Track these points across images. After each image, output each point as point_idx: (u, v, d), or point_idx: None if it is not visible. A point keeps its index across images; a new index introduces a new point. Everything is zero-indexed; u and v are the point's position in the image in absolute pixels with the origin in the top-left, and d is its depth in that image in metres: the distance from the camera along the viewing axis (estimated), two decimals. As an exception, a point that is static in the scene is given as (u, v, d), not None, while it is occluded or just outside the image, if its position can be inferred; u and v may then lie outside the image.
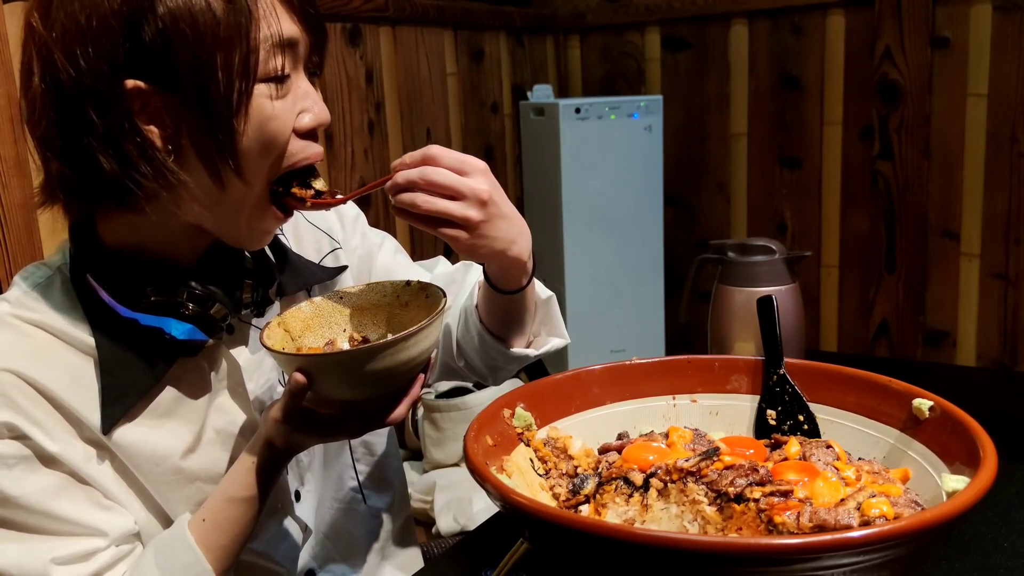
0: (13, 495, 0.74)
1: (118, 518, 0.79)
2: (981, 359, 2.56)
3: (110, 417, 0.77)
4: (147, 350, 0.79)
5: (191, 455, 0.83)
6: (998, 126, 2.41)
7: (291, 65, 0.75)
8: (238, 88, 0.71)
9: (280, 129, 0.75)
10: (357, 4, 2.27)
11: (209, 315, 0.80)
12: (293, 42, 0.75)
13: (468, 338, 1.02)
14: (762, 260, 1.26)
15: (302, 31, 0.76)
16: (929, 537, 0.54)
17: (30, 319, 0.78)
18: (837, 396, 0.80)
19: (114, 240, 0.80)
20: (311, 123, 0.78)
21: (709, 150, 2.93)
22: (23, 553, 0.74)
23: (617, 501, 0.71)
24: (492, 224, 0.85)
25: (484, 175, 0.84)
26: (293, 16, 0.75)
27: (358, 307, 0.87)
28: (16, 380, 0.75)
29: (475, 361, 1.03)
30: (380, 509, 1.02)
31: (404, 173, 0.82)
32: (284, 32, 0.73)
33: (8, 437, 0.74)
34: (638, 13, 2.96)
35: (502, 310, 0.96)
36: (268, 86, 0.73)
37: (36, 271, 0.82)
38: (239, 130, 0.72)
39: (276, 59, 0.73)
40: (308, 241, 0.98)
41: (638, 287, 2.82)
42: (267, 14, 0.72)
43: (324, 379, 0.75)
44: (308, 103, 0.77)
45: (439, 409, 2.35)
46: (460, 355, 1.05)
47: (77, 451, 0.77)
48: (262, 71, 0.72)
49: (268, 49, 0.72)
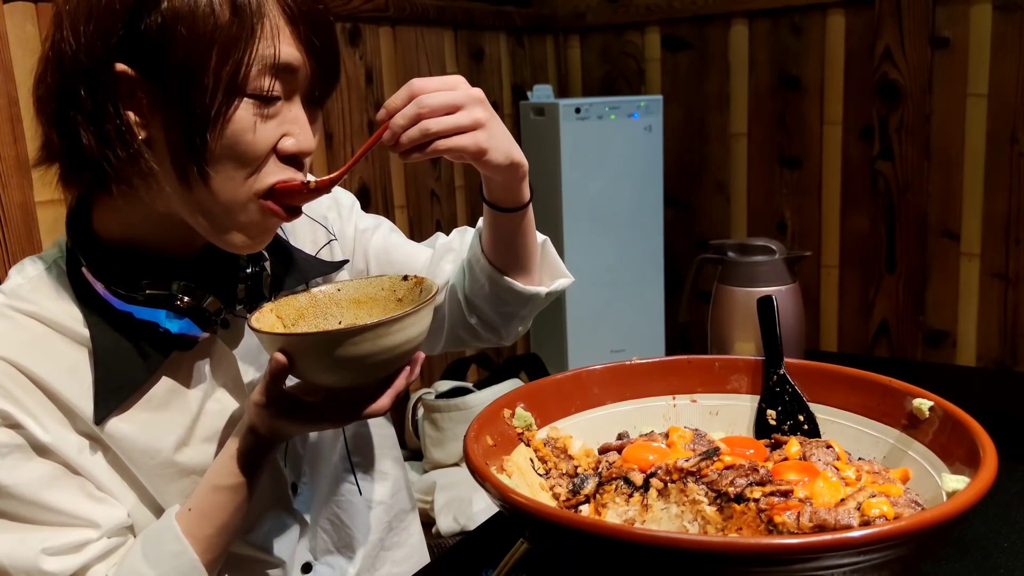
0: (5, 484, 0.74)
1: (111, 510, 0.80)
2: (981, 359, 2.56)
3: (104, 408, 0.78)
4: (141, 343, 0.79)
5: (185, 448, 0.83)
6: (998, 126, 2.41)
7: (284, 89, 0.75)
8: (221, 97, 0.71)
9: (254, 145, 0.74)
10: (357, 4, 2.27)
11: (203, 309, 0.80)
12: (290, 68, 0.74)
13: (477, 287, 0.99)
14: (762, 260, 1.26)
15: (304, 60, 0.75)
16: (929, 537, 0.54)
17: (26, 310, 0.78)
18: (837, 396, 0.80)
19: (108, 233, 0.80)
20: (292, 148, 0.76)
21: (709, 150, 2.93)
22: (14, 543, 0.74)
23: (617, 501, 0.71)
24: (494, 123, 0.85)
25: (466, 83, 0.84)
26: (298, 43, 0.74)
27: (355, 299, 0.87)
28: (10, 369, 0.75)
29: (487, 312, 1.01)
30: (376, 500, 1.02)
31: (402, 113, 0.81)
32: (282, 56, 0.73)
33: (2, 425, 0.75)
34: (638, 13, 2.96)
35: (508, 236, 0.95)
36: (254, 103, 0.73)
37: (32, 264, 0.82)
38: (213, 137, 0.72)
39: (267, 79, 0.72)
40: (304, 233, 0.98)
41: (638, 287, 2.82)
42: (269, 34, 0.72)
43: (304, 361, 0.74)
44: (295, 128, 0.76)
45: (439, 409, 2.35)
46: (471, 311, 1.02)
47: (70, 442, 0.78)
48: (251, 87, 0.72)
49: (261, 68, 0.72)
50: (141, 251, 0.80)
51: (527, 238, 0.96)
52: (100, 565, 0.78)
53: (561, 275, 1.03)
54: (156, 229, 0.80)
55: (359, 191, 2.38)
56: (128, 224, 0.80)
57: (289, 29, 0.73)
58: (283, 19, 0.73)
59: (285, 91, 0.75)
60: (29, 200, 1.60)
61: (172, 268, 0.80)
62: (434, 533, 2.16)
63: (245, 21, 0.70)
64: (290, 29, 0.73)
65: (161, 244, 0.81)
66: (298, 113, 0.77)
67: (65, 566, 0.76)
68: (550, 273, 1.03)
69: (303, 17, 0.74)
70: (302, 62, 0.75)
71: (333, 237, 1.00)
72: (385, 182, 2.47)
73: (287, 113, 0.76)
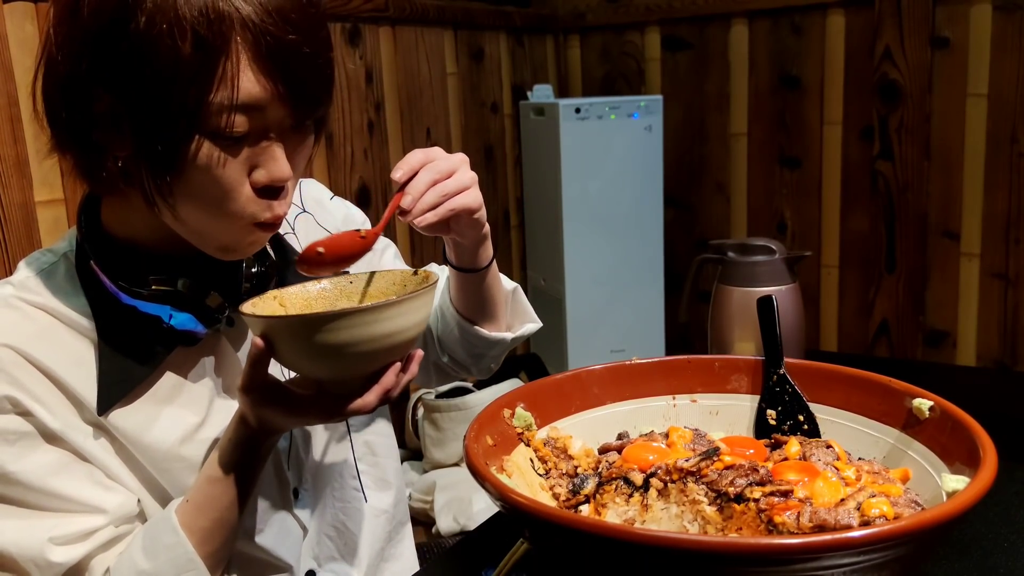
0: (13, 471, 0.74)
1: (119, 497, 0.80)
2: (981, 359, 2.56)
3: (107, 400, 0.78)
4: (146, 337, 0.80)
5: (190, 444, 0.83)
6: (998, 126, 2.41)
7: (251, 126, 0.72)
8: (181, 133, 0.70)
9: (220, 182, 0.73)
10: (357, 4, 2.27)
11: (206, 305, 0.80)
12: (254, 106, 0.71)
13: (448, 332, 1.05)
14: (762, 260, 1.26)
15: (274, 94, 0.71)
16: (929, 537, 0.54)
17: (33, 302, 0.79)
18: (837, 396, 0.80)
19: (114, 229, 0.81)
20: (263, 180, 0.74)
21: (709, 150, 2.93)
22: (21, 531, 0.75)
23: (617, 501, 0.71)
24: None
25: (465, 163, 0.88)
26: (265, 79, 0.70)
27: (367, 293, 0.85)
28: (18, 358, 0.75)
29: (458, 353, 1.06)
30: (381, 509, 1.02)
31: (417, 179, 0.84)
32: (241, 96, 0.70)
33: (11, 412, 0.75)
34: (638, 13, 2.96)
35: (475, 293, 1.00)
36: (218, 142, 0.71)
37: (42, 256, 0.83)
38: (176, 172, 0.71)
39: (228, 117, 0.70)
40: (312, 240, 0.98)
41: (638, 287, 2.82)
42: (231, 72, 0.69)
43: (285, 346, 0.73)
44: (263, 159, 0.74)
45: (439, 409, 2.35)
46: (443, 350, 1.08)
47: (79, 429, 0.78)
48: (211, 125, 0.70)
49: (221, 106, 0.69)
50: (147, 248, 0.81)
51: (492, 291, 1.01)
52: (104, 554, 0.78)
53: (530, 320, 1.09)
54: (156, 232, 0.80)
55: (359, 191, 2.38)
56: (130, 224, 0.81)
57: (256, 65, 0.70)
58: (249, 55, 0.69)
59: (252, 127, 0.72)
60: (29, 200, 1.60)
61: (177, 266, 0.81)
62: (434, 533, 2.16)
63: (206, 57, 0.68)
64: (257, 65, 0.70)
65: (164, 244, 0.81)
66: (270, 147, 0.74)
67: (71, 556, 0.76)
68: (520, 318, 1.08)
69: (271, 52, 0.70)
70: (269, 98, 0.71)
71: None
72: (385, 182, 2.47)
73: (257, 147, 0.74)
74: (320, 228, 1.00)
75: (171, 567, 0.77)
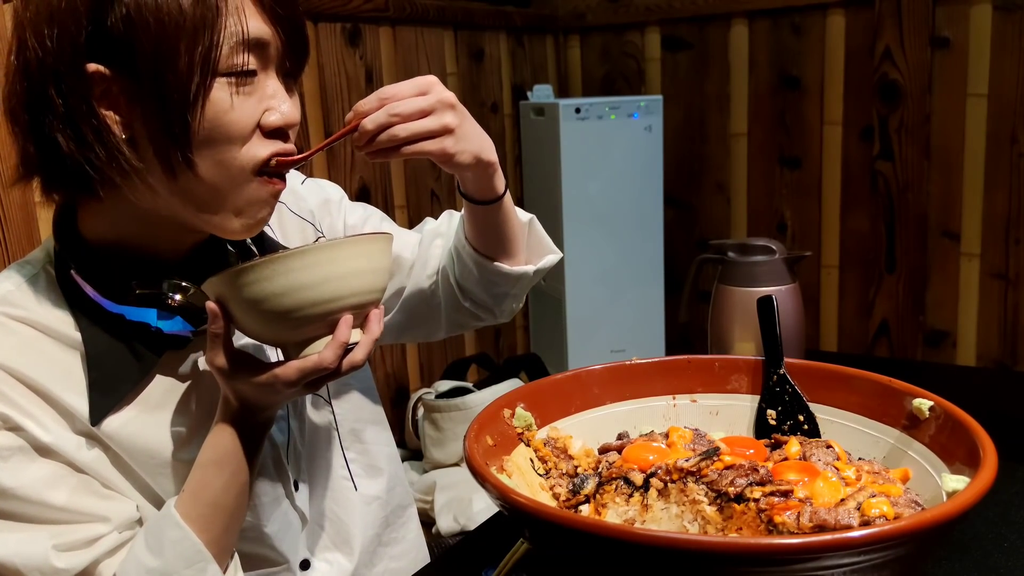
0: (10, 486, 0.74)
1: (119, 504, 0.80)
2: (981, 359, 2.56)
3: (99, 410, 0.78)
4: (134, 344, 0.80)
5: (184, 448, 0.83)
6: (998, 126, 2.41)
7: (259, 64, 0.75)
8: (196, 80, 0.71)
9: (237, 123, 0.74)
10: (357, 4, 2.27)
11: (193, 306, 0.80)
12: (261, 43, 0.74)
13: (466, 272, 1.02)
14: (762, 260, 1.26)
15: (273, 33, 0.75)
16: (929, 537, 0.54)
17: (15, 316, 0.78)
18: (837, 396, 0.80)
19: (95, 235, 0.80)
20: (277, 122, 0.76)
21: (709, 150, 2.93)
22: (24, 542, 0.74)
23: (617, 501, 0.71)
24: (465, 126, 0.88)
25: (440, 85, 0.87)
26: (264, 16, 0.74)
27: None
28: (3, 374, 0.75)
29: (479, 295, 1.03)
30: (372, 496, 1.02)
31: (371, 118, 0.82)
32: (251, 31, 0.73)
33: (1, 428, 0.75)
34: (638, 13, 2.96)
35: (489, 226, 0.98)
36: (230, 81, 0.73)
37: (20, 268, 0.82)
38: (194, 121, 0.72)
39: (241, 56, 0.73)
40: (293, 231, 0.98)
41: (638, 287, 2.82)
42: (235, 11, 0.72)
43: (233, 308, 0.74)
44: (275, 102, 0.77)
45: (439, 409, 2.35)
46: (464, 294, 1.04)
47: (71, 442, 0.78)
48: (224, 65, 0.72)
49: (233, 45, 0.72)
50: (129, 253, 0.80)
51: (508, 224, 0.99)
52: (110, 560, 0.78)
53: (549, 251, 1.06)
54: (143, 229, 0.79)
55: (359, 191, 2.38)
56: (115, 225, 0.79)
57: (254, 5, 0.74)
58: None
59: (259, 65, 0.75)
60: (29, 200, 1.60)
61: (161, 270, 0.80)
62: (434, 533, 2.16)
63: (209, 2, 0.70)
64: (255, 5, 0.74)
65: (149, 245, 0.80)
66: (276, 86, 0.77)
67: (76, 562, 0.75)
68: (538, 251, 1.06)
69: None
70: (271, 35, 0.75)
71: (321, 235, 1.00)
72: (385, 182, 2.47)
73: (265, 88, 0.76)
74: (295, 216, 0.99)
75: (180, 560, 0.77)
